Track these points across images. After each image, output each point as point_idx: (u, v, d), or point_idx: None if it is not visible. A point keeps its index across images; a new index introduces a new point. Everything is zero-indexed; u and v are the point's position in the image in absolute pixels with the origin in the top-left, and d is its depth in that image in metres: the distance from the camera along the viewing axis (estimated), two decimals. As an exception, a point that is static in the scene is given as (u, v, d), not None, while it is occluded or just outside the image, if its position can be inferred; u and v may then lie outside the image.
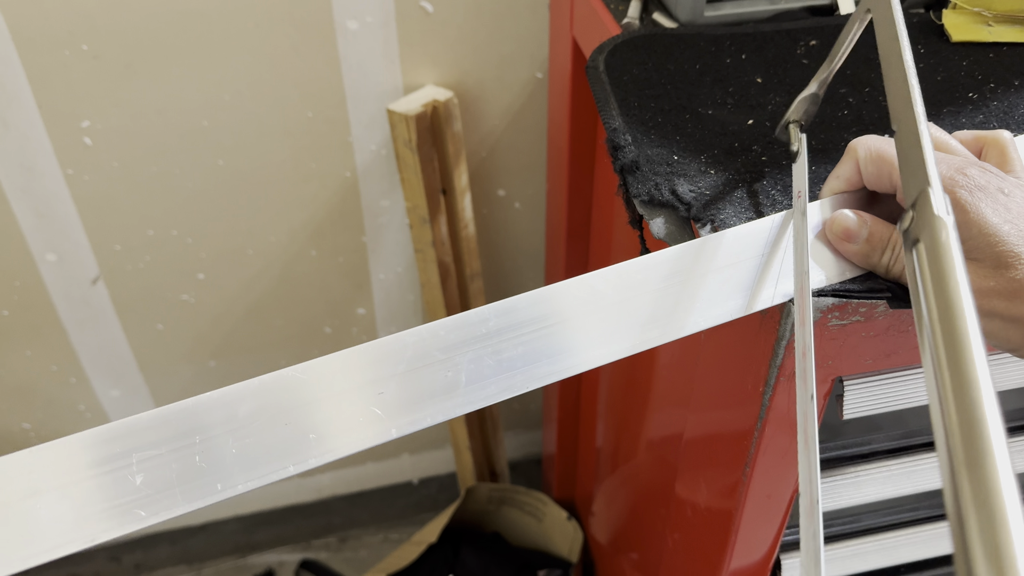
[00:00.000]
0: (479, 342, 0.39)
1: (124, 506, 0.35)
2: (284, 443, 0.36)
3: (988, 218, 0.38)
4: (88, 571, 1.34)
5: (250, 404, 0.37)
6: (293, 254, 1.06)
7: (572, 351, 0.39)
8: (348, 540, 1.40)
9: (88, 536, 0.34)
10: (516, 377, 0.39)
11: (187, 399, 0.36)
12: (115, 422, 0.36)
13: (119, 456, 0.35)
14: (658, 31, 0.64)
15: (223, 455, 0.36)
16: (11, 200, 0.92)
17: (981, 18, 0.62)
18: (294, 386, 0.37)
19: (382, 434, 0.37)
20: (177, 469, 0.35)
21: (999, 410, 0.27)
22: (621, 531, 0.98)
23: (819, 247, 0.43)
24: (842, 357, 0.46)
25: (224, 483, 0.35)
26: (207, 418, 0.36)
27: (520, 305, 0.40)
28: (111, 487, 0.35)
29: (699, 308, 0.41)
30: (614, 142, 0.52)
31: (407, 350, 0.38)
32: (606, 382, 0.96)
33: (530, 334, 0.39)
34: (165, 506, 0.35)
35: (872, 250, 0.42)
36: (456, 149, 0.95)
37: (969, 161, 0.41)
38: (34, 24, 0.81)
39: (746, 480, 0.53)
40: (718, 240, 0.43)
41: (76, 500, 0.35)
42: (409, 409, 0.38)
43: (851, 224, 0.42)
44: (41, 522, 0.34)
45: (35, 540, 0.34)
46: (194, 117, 0.91)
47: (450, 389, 0.38)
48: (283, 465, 0.36)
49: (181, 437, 0.36)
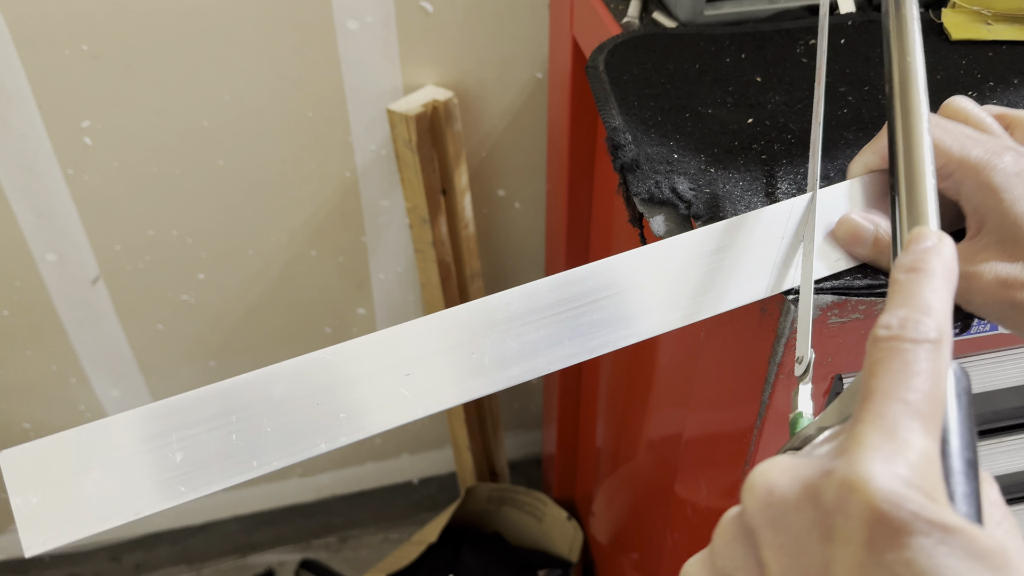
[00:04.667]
0: (502, 325, 0.40)
1: (166, 482, 0.37)
2: (316, 422, 0.38)
3: (1022, 207, 0.37)
4: (88, 571, 1.34)
5: (284, 385, 0.38)
6: (293, 254, 1.06)
7: (640, 318, 0.41)
8: (348, 540, 1.40)
9: (133, 510, 0.36)
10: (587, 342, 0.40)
11: (224, 380, 0.38)
12: (157, 403, 0.37)
13: (160, 435, 0.37)
14: (658, 31, 0.64)
15: (258, 433, 0.38)
16: (11, 200, 0.92)
17: (980, 17, 0.62)
18: (325, 368, 0.39)
19: (409, 414, 0.39)
20: (215, 447, 0.37)
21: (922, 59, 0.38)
22: (621, 531, 0.98)
23: (830, 245, 0.44)
24: (842, 355, 0.46)
25: (260, 460, 0.37)
26: (244, 398, 0.38)
27: (576, 278, 0.41)
28: (153, 464, 0.37)
29: (737, 284, 0.42)
30: (614, 141, 0.52)
31: (433, 331, 0.40)
32: (606, 382, 0.96)
33: (590, 304, 0.41)
34: (204, 482, 0.37)
35: (880, 254, 0.42)
36: (456, 149, 0.95)
37: (1004, 146, 0.40)
38: (34, 24, 0.81)
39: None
40: (756, 218, 0.44)
41: (121, 476, 0.37)
42: (434, 390, 0.39)
43: (859, 228, 0.42)
44: (90, 497, 0.36)
45: (85, 512, 0.36)
46: (194, 117, 0.91)
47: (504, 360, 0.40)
48: (315, 443, 0.38)
49: (219, 417, 0.38)
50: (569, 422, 1.16)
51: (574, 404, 1.13)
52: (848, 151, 0.50)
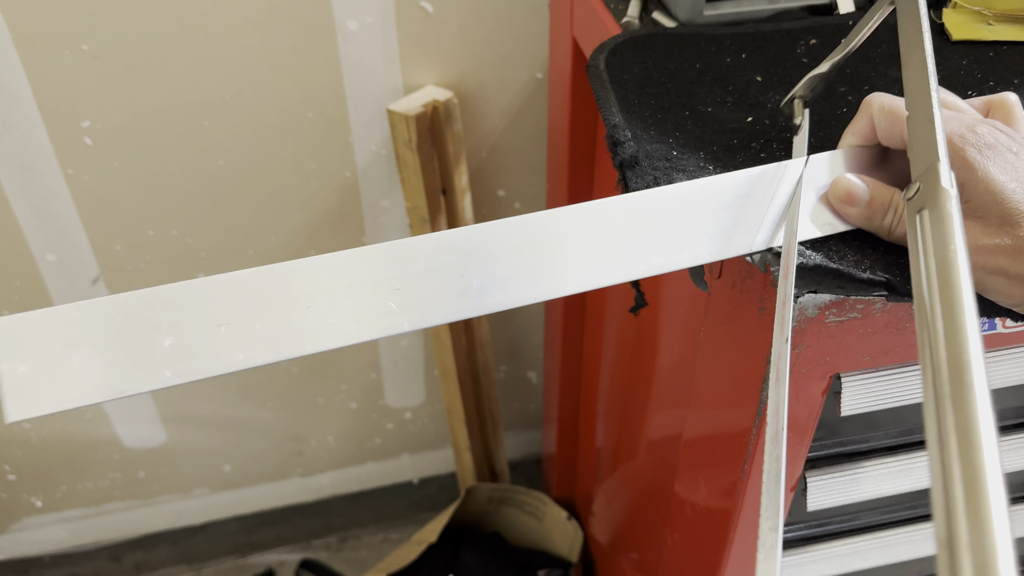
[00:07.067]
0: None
1: (152, 365, 0.37)
2: (299, 329, 0.39)
3: (995, 176, 0.38)
4: (88, 571, 1.34)
5: (270, 287, 0.39)
6: (293, 254, 1.06)
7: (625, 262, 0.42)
8: (348, 540, 1.40)
9: (117, 389, 0.37)
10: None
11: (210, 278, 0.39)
12: (152, 288, 0.39)
13: (152, 321, 0.38)
14: (658, 30, 0.64)
15: (247, 332, 0.38)
16: (11, 200, 0.92)
17: (981, 17, 0.62)
18: (309, 278, 0.40)
19: (395, 327, 0.39)
20: (204, 338, 0.38)
21: (983, 359, 0.29)
22: (621, 531, 0.98)
23: (820, 209, 0.44)
24: (840, 354, 0.46)
25: (245, 355, 0.38)
26: (235, 299, 0.39)
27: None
28: (142, 347, 0.38)
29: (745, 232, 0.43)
30: (614, 138, 0.52)
31: (425, 251, 0.40)
32: (606, 382, 0.96)
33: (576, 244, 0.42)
34: (188, 370, 0.37)
35: (874, 213, 0.43)
36: (456, 149, 0.95)
37: (978, 119, 0.41)
38: (34, 24, 0.81)
39: (745, 479, 0.53)
40: (760, 173, 0.45)
41: (109, 356, 0.37)
42: (421, 306, 0.40)
43: (853, 187, 0.43)
44: (76, 371, 0.37)
45: (70, 386, 0.37)
46: (194, 117, 0.91)
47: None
48: (301, 344, 0.38)
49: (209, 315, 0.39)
50: (569, 422, 1.16)
51: (574, 404, 1.13)
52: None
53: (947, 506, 0.25)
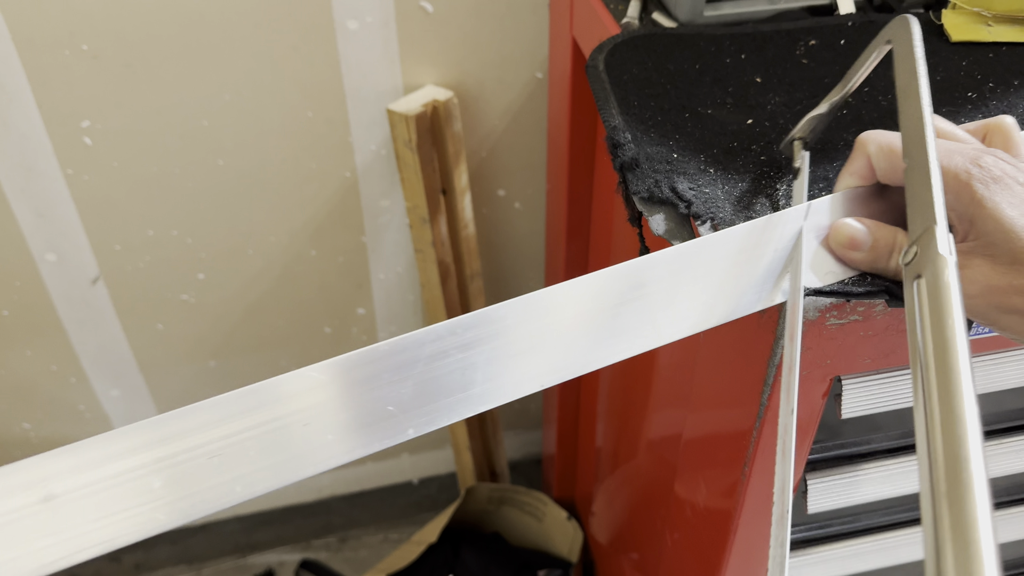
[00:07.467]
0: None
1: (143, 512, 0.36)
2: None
3: (1005, 212, 0.37)
4: (88, 571, 1.34)
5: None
6: (293, 254, 1.06)
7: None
8: (348, 540, 1.40)
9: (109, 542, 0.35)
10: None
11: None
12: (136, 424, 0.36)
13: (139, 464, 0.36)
14: (658, 31, 0.64)
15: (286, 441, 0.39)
16: (11, 200, 0.92)
17: (980, 18, 0.62)
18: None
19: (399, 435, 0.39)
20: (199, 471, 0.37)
21: (982, 448, 0.28)
22: (621, 531, 0.98)
23: (822, 256, 0.43)
24: (840, 356, 0.46)
25: (243, 485, 0.37)
26: (240, 419, 0.39)
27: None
28: (132, 493, 0.36)
29: (751, 289, 0.42)
30: (614, 140, 0.52)
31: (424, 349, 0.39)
32: (606, 382, 0.96)
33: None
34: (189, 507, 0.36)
35: (878, 256, 0.41)
36: (456, 149, 0.95)
37: (981, 150, 0.40)
38: (34, 24, 0.81)
39: (745, 479, 0.53)
40: (764, 224, 0.43)
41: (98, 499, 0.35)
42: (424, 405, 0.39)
43: (855, 232, 0.41)
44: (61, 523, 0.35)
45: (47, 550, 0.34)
46: (194, 117, 0.91)
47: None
48: (303, 466, 0.38)
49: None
50: (569, 422, 1.16)
51: (574, 404, 1.13)
52: (847, 153, 0.50)
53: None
